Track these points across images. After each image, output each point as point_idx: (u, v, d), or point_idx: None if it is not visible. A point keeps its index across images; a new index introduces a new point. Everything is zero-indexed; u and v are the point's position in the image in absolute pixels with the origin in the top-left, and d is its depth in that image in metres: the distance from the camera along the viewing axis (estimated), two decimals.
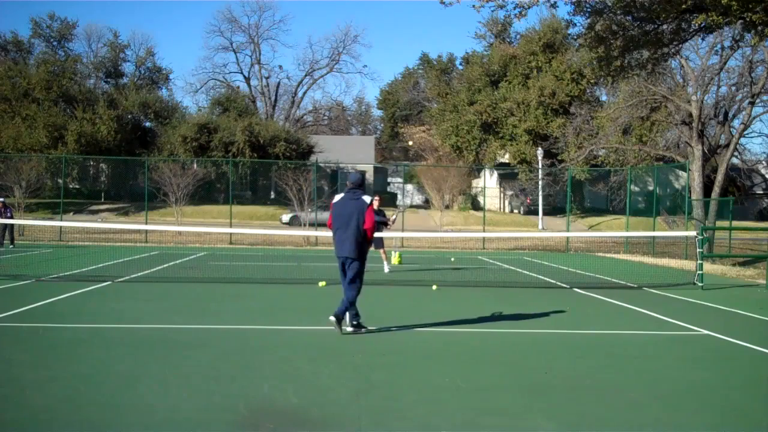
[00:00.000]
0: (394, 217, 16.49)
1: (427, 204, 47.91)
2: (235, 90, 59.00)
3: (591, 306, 11.34)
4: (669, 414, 5.38)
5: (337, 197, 8.33)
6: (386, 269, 16.09)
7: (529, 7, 14.84)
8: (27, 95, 43.94)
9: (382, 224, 15.82)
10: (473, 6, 14.68)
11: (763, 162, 48.16)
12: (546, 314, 10.17)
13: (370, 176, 52.32)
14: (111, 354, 6.97)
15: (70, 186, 45.47)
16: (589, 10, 16.22)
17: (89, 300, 10.66)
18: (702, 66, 24.91)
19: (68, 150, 40.72)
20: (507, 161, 47.01)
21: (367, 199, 8.18)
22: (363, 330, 8.27)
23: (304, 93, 65.22)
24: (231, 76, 72.58)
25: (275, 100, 63.58)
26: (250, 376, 6.17)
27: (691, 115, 24.32)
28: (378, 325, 9.06)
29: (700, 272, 14.08)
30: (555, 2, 15.65)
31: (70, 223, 29.55)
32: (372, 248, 16.10)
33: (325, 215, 31.30)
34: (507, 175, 47.15)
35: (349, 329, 8.20)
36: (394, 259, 18.61)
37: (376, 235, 15.70)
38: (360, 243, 8.06)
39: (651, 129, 35.48)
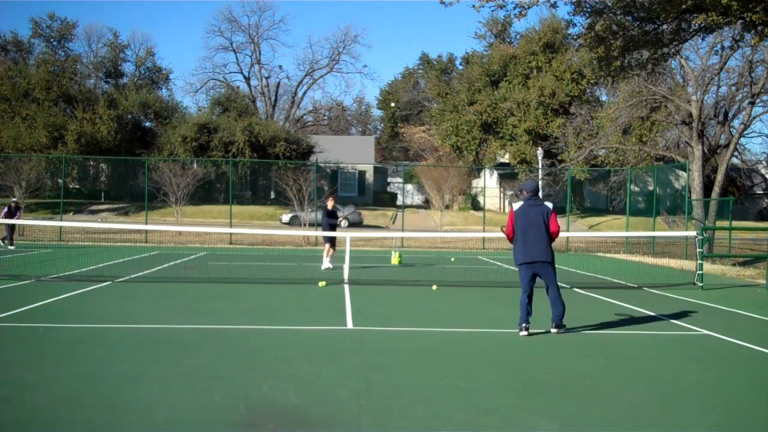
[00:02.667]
0: (341, 221, 16.83)
1: (427, 204, 47.91)
2: (235, 90, 58.99)
3: (591, 306, 11.34)
4: (669, 414, 5.38)
5: (516, 205, 8.67)
6: (324, 266, 16.19)
7: (529, 7, 14.83)
8: (27, 95, 43.93)
9: (334, 225, 16.41)
10: (473, 6, 14.67)
11: (763, 162, 48.15)
12: (546, 314, 10.16)
13: (370, 176, 52.34)
14: (111, 354, 6.97)
15: (70, 186, 45.46)
16: (589, 10, 16.21)
17: (89, 300, 10.67)
18: (702, 66, 24.91)
19: (68, 150, 40.70)
20: (507, 161, 47.01)
21: (549, 205, 8.58)
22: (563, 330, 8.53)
23: (304, 93, 65.27)
24: (231, 76, 72.61)
25: (275, 100, 63.59)
26: (250, 376, 6.17)
27: (691, 115, 24.32)
28: (377, 325, 9.07)
29: (700, 272, 14.08)
30: (555, 2, 15.62)
31: (70, 223, 29.55)
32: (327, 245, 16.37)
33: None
34: (507, 175, 47.15)
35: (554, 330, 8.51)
36: (394, 259, 18.61)
37: (331, 234, 16.05)
38: (550, 246, 8.52)
39: (651, 129, 35.47)
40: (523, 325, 8.32)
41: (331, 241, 16.31)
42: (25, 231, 26.56)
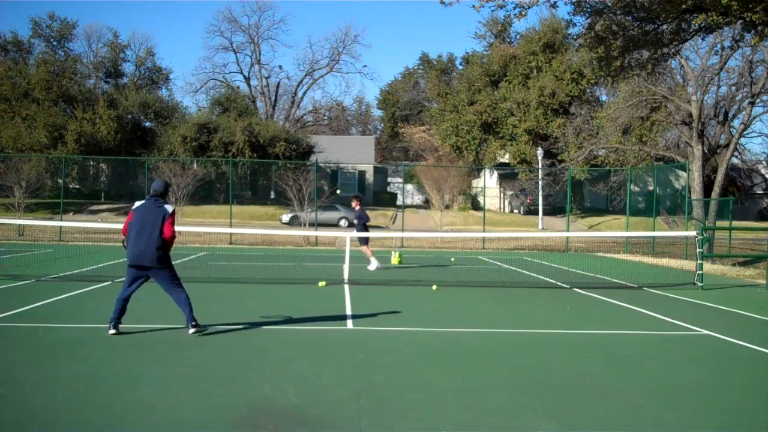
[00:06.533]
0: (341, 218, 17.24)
1: (427, 204, 47.91)
2: (235, 90, 59.00)
3: (591, 306, 11.34)
4: (669, 414, 5.38)
5: (138, 203, 8.12)
6: (372, 267, 16.47)
7: (529, 7, 14.84)
8: (27, 95, 43.92)
9: (363, 224, 16.71)
10: (473, 6, 14.67)
11: (763, 162, 48.16)
12: (546, 314, 10.17)
13: (370, 176, 52.34)
14: (111, 354, 6.97)
15: (70, 186, 45.45)
16: (589, 10, 16.21)
17: (89, 300, 10.66)
18: (702, 66, 24.91)
19: (68, 150, 40.70)
20: (507, 161, 47.01)
21: (169, 208, 8.02)
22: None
23: (304, 93, 65.32)
24: (231, 76, 72.78)
25: (275, 100, 63.62)
26: (250, 376, 6.17)
27: (691, 115, 24.32)
28: (377, 325, 9.07)
29: (700, 272, 14.07)
30: (555, 2, 15.63)
31: (70, 223, 29.54)
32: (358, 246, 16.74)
33: (324, 215, 31.35)
34: (507, 175, 47.16)
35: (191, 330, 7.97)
36: (394, 259, 18.61)
37: (362, 234, 16.42)
38: (160, 249, 7.93)
39: (651, 129, 35.48)
40: (113, 323, 7.91)
41: (366, 241, 16.70)
42: (25, 231, 26.56)
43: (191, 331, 7.97)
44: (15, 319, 8.78)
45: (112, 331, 7.89)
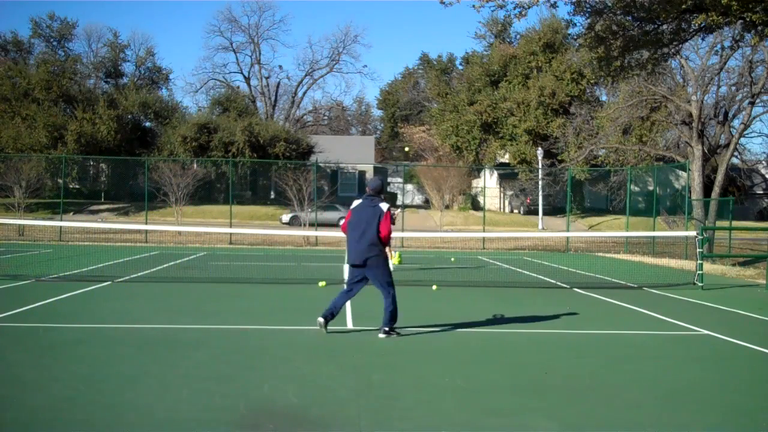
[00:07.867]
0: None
1: (427, 204, 47.89)
2: (235, 90, 58.99)
3: (591, 306, 11.34)
4: (669, 414, 5.38)
5: (356, 202, 8.29)
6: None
7: (529, 7, 14.84)
8: (27, 95, 43.90)
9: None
10: (473, 6, 14.68)
11: (763, 162, 48.13)
12: (546, 314, 10.17)
13: (370, 176, 52.32)
14: (111, 354, 6.97)
15: (70, 186, 45.44)
16: (589, 10, 16.22)
17: (89, 300, 10.66)
18: (702, 66, 24.91)
19: (68, 150, 40.69)
20: (507, 161, 47.01)
21: (384, 206, 8.14)
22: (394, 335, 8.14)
23: (304, 93, 65.28)
24: (231, 76, 72.83)
25: (275, 100, 63.60)
26: (250, 376, 6.17)
27: (691, 115, 24.32)
28: (378, 325, 9.06)
29: (700, 272, 14.07)
30: (555, 2, 15.64)
31: (70, 223, 29.54)
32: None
33: (324, 215, 31.29)
34: (507, 175, 47.15)
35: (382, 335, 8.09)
36: (394, 259, 18.62)
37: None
38: (374, 248, 8.01)
39: (651, 129, 35.45)
40: (325, 314, 8.01)
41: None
42: (25, 231, 26.55)
43: (381, 335, 8.03)
44: (15, 319, 8.78)
45: (321, 321, 7.99)
